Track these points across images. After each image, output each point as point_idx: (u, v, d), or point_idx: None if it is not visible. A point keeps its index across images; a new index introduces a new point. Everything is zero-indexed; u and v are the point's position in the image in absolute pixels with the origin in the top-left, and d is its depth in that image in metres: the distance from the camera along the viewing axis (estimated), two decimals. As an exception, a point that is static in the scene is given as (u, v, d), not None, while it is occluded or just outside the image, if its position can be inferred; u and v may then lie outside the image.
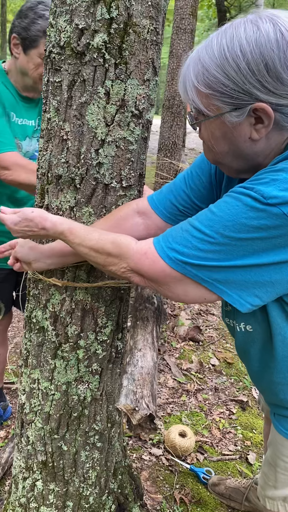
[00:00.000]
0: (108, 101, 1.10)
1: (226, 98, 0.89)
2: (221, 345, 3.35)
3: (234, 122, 0.91)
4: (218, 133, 0.95)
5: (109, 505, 1.52)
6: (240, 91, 0.87)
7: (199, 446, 2.26)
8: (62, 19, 1.08)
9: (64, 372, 1.30)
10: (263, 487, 1.38)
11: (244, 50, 0.85)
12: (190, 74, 0.92)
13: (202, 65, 0.90)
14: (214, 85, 0.89)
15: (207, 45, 0.90)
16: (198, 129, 1.01)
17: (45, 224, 1.07)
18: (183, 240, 0.93)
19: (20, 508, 1.48)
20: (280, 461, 1.28)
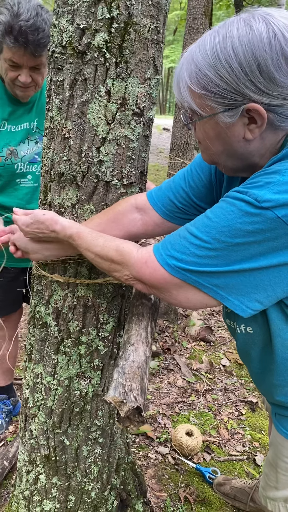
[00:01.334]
0: (109, 99, 1.11)
1: (219, 98, 0.89)
2: (232, 346, 3.34)
3: (228, 122, 0.91)
4: (212, 133, 0.95)
5: (112, 500, 1.53)
6: (232, 91, 0.87)
7: (206, 446, 2.26)
8: (64, 19, 1.10)
9: (66, 367, 1.32)
10: (264, 487, 1.38)
11: (236, 51, 0.84)
12: (183, 74, 0.92)
13: (195, 65, 0.90)
14: (207, 85, 0.89)
15: (200, 44, 0.90)
16: (193, 129, 1.02)
17: (55, 227, 1.10)
18: (181, 247, 0.94)
19: (24, 501, 1.50)
20: (280, 461, 1.28)
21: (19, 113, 1.80)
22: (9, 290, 2.06)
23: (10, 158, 1.80)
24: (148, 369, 0.83)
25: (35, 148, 1.86)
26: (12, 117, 1.79)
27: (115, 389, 0.75)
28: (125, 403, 0.72)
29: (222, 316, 1.17)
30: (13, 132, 1.80)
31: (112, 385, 0.76)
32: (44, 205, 1.26)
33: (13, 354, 2.32)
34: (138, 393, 0.74)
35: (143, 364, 0.81)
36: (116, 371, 0.80)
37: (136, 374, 0.77)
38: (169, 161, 3.21)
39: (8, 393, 2.39)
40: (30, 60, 1.60)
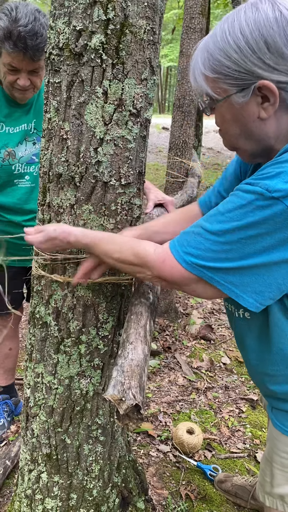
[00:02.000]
0: (106, 100, 1.12)
1: (231, 80, 0.93)
2: (233, 344, 3.35)
3: (241, 102, 0.94)
4: (229, 115, 0.99)
5: (113, 498, 1.54)
6: (242, 71, 0.91)
7: (207, 444, 2.27)
8: (60, 21, 1.11)
9: (66, 367, 1.33)
10: (262, 483, 1.38)
11: (244, 31, 0.89)
12: (198, 63, 0.98)
13: (207, 51, 0.95)
14: (219, 68, 0.93)
15: (212, 34, 0.96)
16: (215, 116, 1.06)
17: (69, 239, 1.12)
18: (197, 243, 0.96)
19: (26, 499, 1.51)
20: (276, 456, 1.28)
21: (17, 114, 1.81)
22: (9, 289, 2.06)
23: (7, 159, 1.82)
24: (147, 367, 0.84)
25: (32, 149, 1.87)
26: (9, 118, 1.80)
27: (114, 387, 0.76)
28: (124, 401, 0.73)
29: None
30: (11, 133, 1.81)
31: (111, 383, 0.77)
32: (43, 206, 1.27)
33: (14, 354, 2.33)
34: (137, 391, 0.74)
35: (142, 362, 0.82)
36: (115, 370, 0.81)
37: (135, 372, 0.78)
38: (167, 161, 3.22)
39: (10, 393, 2.40)
40: (29, 64, 1.62)
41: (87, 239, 1.12)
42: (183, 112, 3.08)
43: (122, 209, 1.23)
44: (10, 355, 2.31)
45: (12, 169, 1.84)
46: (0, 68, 1.69)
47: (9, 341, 2.27)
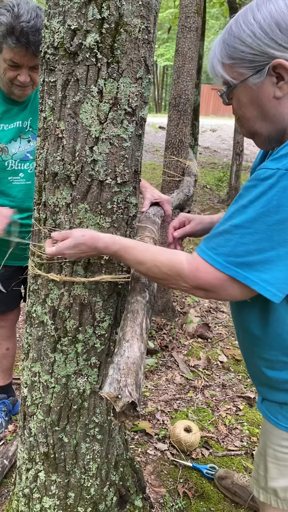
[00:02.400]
0: (101, 99, 1.13)
1: (246, 63, 1.01)
2: (230, 342, 3.36)
3: (257, 83, 1.01)
4: (246, 98, 1.05)
5: (111, 496, 1.54)
6: (257, 53, 0.98)
7: (204, 442, 2.28)
8: (55, 20, 1.11)
9: (63, 366, 1.33)
10: (256, 478, 1.38)
11: (256, 18, 0.98)
12: (215, 54, 1.06)
13: (223, 42, 1.04)
14: (234, 54, 1.02)
15: (227, 27, 1.05)
16: (231, 105, 1.12)
17: (97, 245, 1.12)
18: (225, 241, 0.96)
19: (24, 498, 1.51)
20: (269, 449, 1.29)
21: (13, 112, 1.82)
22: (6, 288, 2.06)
23: (0, 155, 1.83)
24: (143, 365, 0.84)
25: (27, 147, 1.88)
26: (5, 116, 1.81)
27: (110, 385, 0.76)
28: (120, 398, 0.74)
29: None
30: (5, 130, 1.83)
31: (107, 381, 0.78)
32: (39, 205, 1.27)
33: (11, 353, 2.33)
34: (133, 388, 0.75)
35: (138, 360, 0.82)
36: (111, 367, 0.81)
37: (131, 370, 0.78)
38: (164, 160, 3.22)
39: (7, 393, 2.40)
40: (30, 60, 1.65)
41: (116, 246, 1.11)
42: (179, 111, 3.09)
43: (118, 208, 1.24)
44: (7, 355, 2.31)
45: (5, 165, 1.85)
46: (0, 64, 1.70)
47: (6, 341, 2.27)
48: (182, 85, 3.06)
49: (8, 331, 2.26)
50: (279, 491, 1.30)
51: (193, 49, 2.97)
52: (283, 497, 1.30)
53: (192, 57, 3.01)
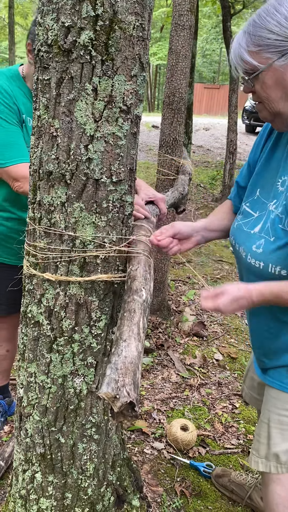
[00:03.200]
0: (96, 97, 1.12)
1: (272, 48, 1.16)
2: (225, 340, 3.36)
3: (283, 65, 1.16)
4: (271, 81, 1.19)
5: (108, 496, 1.54)
6: (282, 39, 1.14)
7: (201, 440, 2.28)
8: (49, 17, 1.10)
9: (60, 366, 1.32)
10: (257, 449, 1.43)
11: (279, 10, 1.14)
12: (240, 46, 1.20)
13: (248, 34, 1.18)
14: (261, 41, 1.17)
15: (249, 22, 1.20)
16: (253, 92, 1.25)
17: (253, 297, 1.20)
18: None
19: (21, 499, 1.50)
20: (273, 415, 1.35)
21: None
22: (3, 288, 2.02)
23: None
24: (140, 364, 0.84)
25: None
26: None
27: (108, 385, 0.75)
28: (118, 398, 0.73)
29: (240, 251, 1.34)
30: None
31: (105, 381, 0.77)
32: (34, 204, 1.26)
33: (11, 355, 2.30)
34: (131, 388, 0.74)
35: (136, 359, 0.82)
36: (109, 367, 0.81)
37: (128, 370, 0.78)
38: (158, 158, 3.22)
39: (3, 393, 2.39)
40: None
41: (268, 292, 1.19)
42: (173, 110, 3.08)
43: (113, 207, 1.23)
44: (7, 357, 2.28)
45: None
46: (27, 63, 1.72)
47: (6, 342, 2.24)
48: (176, 83, 3.06)
49: (9, 333, 2.24)
50: (281, 455, 1.36)
51: (186, 47, 2.96)
52: (285, 461, 1.36)
53: (185, 55, 3.00)
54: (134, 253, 1.27)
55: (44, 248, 1.25)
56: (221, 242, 5.80)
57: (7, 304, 2.11)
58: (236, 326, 3.60)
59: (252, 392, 1.68)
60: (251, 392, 1.69)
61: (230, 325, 3.60)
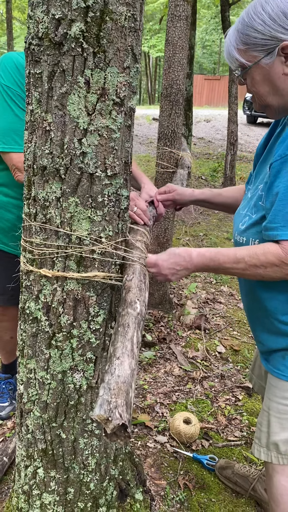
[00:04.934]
0: (89, 90, 1.10)
1: (258, 47, 1.20)
2: (227, 333, 3.36)
3: (269, 63, 1.20)
4: (259, 77, 1.24)
5: (111, 491, 1.54)
6: (268, 38, 1.17)
7: (204, 433, 2.28)
8: (39, 10, 1.08)
9: (59, 361, 1.32)
10: (259, 437, 1.45)
11: (265, 8, 1.17)
12: (231, 43, 1.25)
13: (237, 31, 1.23)
14: (248, 40, 1.21)
15: (239, 19, 1.23)
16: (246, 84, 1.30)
17: (191, 254, 1.26)
18: None
19: (24, 495, 1.51)
20: (272, 403, 1.37)
21: None
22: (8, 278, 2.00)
23: None
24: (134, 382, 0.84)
25: None
26: None
27: (100, 407, 0.75)
28: (110, 420, 0.73)
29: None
30: None
31: (98, 402, 0.77)
32: (29, 200, 1.25)
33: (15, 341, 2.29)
34: (123, 409, 0.74)
35: (129, 378, 0.82)
36: (102, 387, 0.81)
37: (121, 390, 0.78)
38: (157, 151, 3.19)
39: (12, 370, 2.40)
40: None
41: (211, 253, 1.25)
42: (171, 102, 3.06)
43: (109, 201, 1.22)
44: (11, 341, 2.31)
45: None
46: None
47: (10, 330, 2.26)
48: (173, 75, 3.03)
49: (11, 324, 2.24)
50: (281, 445, 1.38)
51: (183, 38, 2.93)
52: (284, 451, 1.38)
53: (182, 46, 2.97)
54: (130, 261, 1.26)
55: (40, 244, 1.24)
56: (223, 235, 5.78)
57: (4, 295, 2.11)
58: (238, 319, 3.59)
59: (261, 381, 1.69)
60: (260, 381, 1.70)
61: (232, 318, 3.60)
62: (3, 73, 1.75)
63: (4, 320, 2.24)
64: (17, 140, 1.76)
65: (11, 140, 1.76)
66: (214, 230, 6.00)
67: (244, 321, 3.55)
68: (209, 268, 1.26)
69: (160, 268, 1.27)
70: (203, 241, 5.48)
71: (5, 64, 1.76)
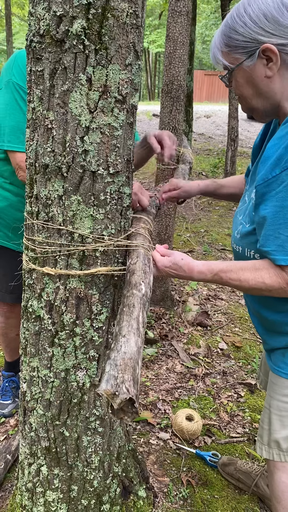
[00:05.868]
0: (91, 87, 1.10)
1: (240, 49, 1.18)
2: (229, 329, 3.36)
3: (250, 65, 1.19)
4: (242, 80, 1.23)
5: (114, 488, 1.54)
6: (248, 40, 1.16)
7: (207, 430, 2.28)
8: (40, 7, 1.07)
9: (62, 360, 1.32)
10: (261, 434, 1.46)
11: (247, 10, 1.15)
12: (216, 44, 1.24)
13: (222, 33, 1.22)
14: (230, 42, 1.20)
15: (224, 21, 1.22)
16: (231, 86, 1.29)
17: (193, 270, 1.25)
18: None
19: (27, 493, 1.51)
20: (273, 400, 1.38)
21: None
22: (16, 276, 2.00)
23: None
24: (140, 359, 0.83)
25: None
26: None
27: (107, 382, 0.74)
28: (117, 395, 0.72)
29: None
30: None
31: (104, 377, 0.76)
32: (31, 198, 1.25)
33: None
34: (130, 384, 0.73)
35: (135, 355, 0.81)
36: (108, 363, 0.80)
37: (128, 366, 0.77)
38: (158, 148, 3.18)
39: (15, 368, 2.41)
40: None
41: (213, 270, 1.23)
42: (172, 98, 3.04)
43: (111, 199, 1.21)
44: (16, 339, 2.31)
45: None
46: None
47: (16, 327, 2.26)
48: (174, 71, 3.02)
49: (18, 321, 2.24)
50: (282, 442, 1.39)
51: (184, 34, 2.91)
52: (285, 448, 1.39)
53: (183, 42, 2.95)
54: (133, 246, 1.26)
55: (42, 242, 1.24)
56: (224, 231, 5.77)
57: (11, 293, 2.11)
58: (240, 315, 3.59)
59: (267, 378, 1.69)
60: (267, 378, 1.70)
61: (234, 314, 3.60)
62: (15, 71, 1.74)
63: (12, 317, 2.25)
64: (23, 139, 1.76)
65: (16, 139, 1.76)
66: (215, 226, 5.99)
67: (245, 318, 3.55)
68: (211, 282, 1.27)
69: (159, 271, 1.28)
70: (204, 237, 5.47)
71: (18, 63, 1.74)
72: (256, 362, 2.90)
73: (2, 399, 2.38)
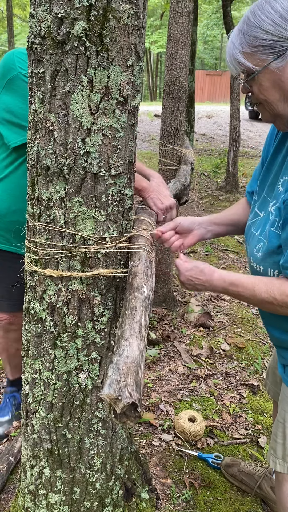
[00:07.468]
0: (92, 89, 1.09)
1: (268, 49, 1.08)
2: (232, 330, 3.35)
3: (279, 67, 1.09)
4: (268, 83, 1.12)
5: (117, 490, 1.54)
6: (279, 39, 1.07)
7: (209, 431, 2.27)
8: (41, 8, 1.07)
9: (64, 362, 1.31)
10: (274, 448, 1.43)
11: (274, 7, 1.06)
12: (235, 46, 1.13)
13: (242, 33, 1.11)
14: (256, 42, 1.09)
15: (244, 20, 1.12)
16: (251, 92, 1.18)
17: (213, 275, 1.23)
18: None
19: (30, 495, 1.51)
20: (287, 414, 1.35)
21: None
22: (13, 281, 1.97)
23: None
24: (143, 363, 0.82)
25: None
26: None
27: (109, 386, 0.74)
28: (120, 399, 0.72)
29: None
30: None
31: (107, 382, 0.76)
32: (33, 200, 1.25)
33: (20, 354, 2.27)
34: (133, 388, 0.73)
35: (138, 358, 0.80)
36: (111, 368, 0.79)
37: (130, 370, 0.77)
38: (160, 148, 3.18)
39: (18, 386, 2.37)
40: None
41: (231, 277, 1.22)
42: (174, 99, 3.04)
43: (113, 200, 1.21)
44: (17, 354, 2.25)
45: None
46: None
47: (16, 343, 2.20)
48: (175, 71, 3.01)
49: (19, 334, 2.20)
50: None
51: (185, 35, 2.91)
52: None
53: (185, 43, 2.95)
54: (135, 249, 1.25)
55: (44, 244, 1.24)
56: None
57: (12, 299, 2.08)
58: (242, 316, 3.58)
59: (276, 388, 1.66)
60: (274, 387, 1.67)
61: (236, 315, 3.59)
62: (19, 64, 1.70)
63: (12, 329, 2.17)
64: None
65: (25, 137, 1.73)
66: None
67: (248, 318, 3.54)
68: (228, 292, 1.24)
69: (180, 275, 1.28)
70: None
71: (19, 58, 1.71)
72: (259, 363, 2.89)
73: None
